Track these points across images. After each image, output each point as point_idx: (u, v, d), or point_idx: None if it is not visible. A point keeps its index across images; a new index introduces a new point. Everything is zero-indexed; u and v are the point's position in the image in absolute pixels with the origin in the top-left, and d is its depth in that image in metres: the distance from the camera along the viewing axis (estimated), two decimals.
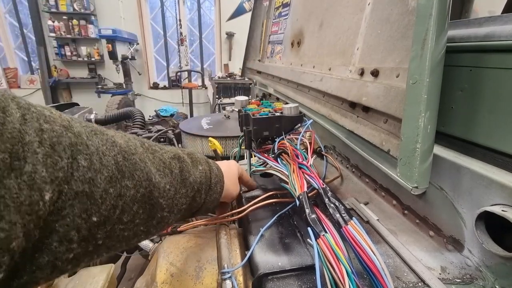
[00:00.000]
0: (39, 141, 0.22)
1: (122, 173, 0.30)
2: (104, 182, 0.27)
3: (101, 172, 0.27)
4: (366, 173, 0.67)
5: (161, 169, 0.37)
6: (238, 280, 0.46)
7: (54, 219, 0.23)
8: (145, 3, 5.05)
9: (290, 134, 0.65)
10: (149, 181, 0.33)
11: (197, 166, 0.44)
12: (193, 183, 0.42)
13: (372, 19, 0.61)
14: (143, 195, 0.32)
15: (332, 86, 0.73)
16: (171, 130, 1.39)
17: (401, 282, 0.41)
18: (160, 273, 0.48)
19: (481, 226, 0.40)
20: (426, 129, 0.40)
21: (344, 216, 0.40)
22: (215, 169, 0.49)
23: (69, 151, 0.24)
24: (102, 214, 0.27)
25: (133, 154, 0.32)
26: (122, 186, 0.29)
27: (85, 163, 0.26)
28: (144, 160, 0.34)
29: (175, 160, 0.40)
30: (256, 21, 1.74)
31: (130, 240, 0.33)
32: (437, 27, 0.38)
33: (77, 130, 0.26)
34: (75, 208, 0.24)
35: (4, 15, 4.78)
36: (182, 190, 0.40)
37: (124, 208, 0.30)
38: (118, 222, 0.29)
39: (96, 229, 0.27)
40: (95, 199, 0.26)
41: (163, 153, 0.39)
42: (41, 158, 0.22)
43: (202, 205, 0.46)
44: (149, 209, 0.33)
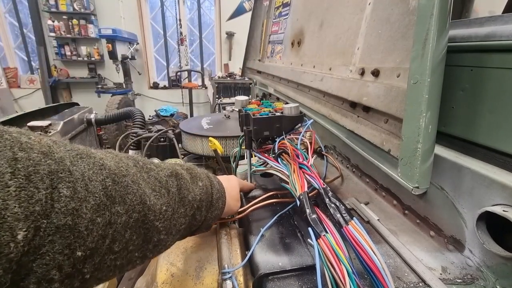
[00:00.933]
0: (12, 172, 0.20)
1: (111, 198, 0.27)
2: (91, 211, 0.25)
3: (86, 200, 0.24)
4: (366, 173, 0.67)
5: (157, 189, 0.34)
6: (239, 280, 0.46)
7: (30, 259, 0.20)
8: (145, 3, 5.04)
9: (290, 134, 0.65)
10: (143, 204, 0.31)
11: (197, 182, 0.42)
12: (193, 201, 0.40)
13: (372, 19, 0.61)
14: (137, 220, 0.30)
15: (333, 86, 0.73)
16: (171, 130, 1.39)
17: (402, 282, 0.41)
18: (160, 273, 0.48)
19: (482, 226, 0.40)
20: (427, 129, 0.40)
21: (344, 216, 0.40)
22: (216, 184, 0.46)
23: (48, 180, 0.22)
24: (89, 246, 0.24)
25: (125, 176, 0.30)
26: (112, 213, 0.27)
27: (68, 192, 0.23)
28: (137, 181, 0.31)
29: (173, 178, 0.38)
30: (256, 21, 1.73)
31: (123, 268, 0.30)
32: (438, 27, 0.38)
33: (59, 156, 0.24)
34: (55, 244, 0.22)
35: (4, 15, 4.78)
36: (181, 209, 0.37)
37: (115, 236, 0.27)
38: (109, 252, 0.27)
39: (82, 264, 0.24)
40: (79, 232, 0.23)
41: (159, 171, 0.36)
42: (14, 191, 0.19)
43: (202, 222, 0.43)
44: (144, 233, 0.31)
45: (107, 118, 1.78)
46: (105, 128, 3.14)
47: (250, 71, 1.78)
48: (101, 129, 3.01)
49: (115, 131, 3.35)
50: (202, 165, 1.29)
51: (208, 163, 1.27)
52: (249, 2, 5.00)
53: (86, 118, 1.65)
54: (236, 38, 5.17)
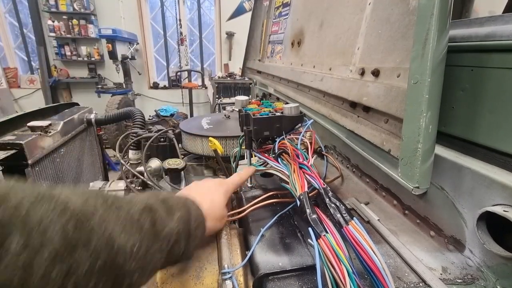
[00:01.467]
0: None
1: (72, 245, 0.25)
2: (45, 263, 0.22)
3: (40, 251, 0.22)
4: (366, 173, 0.67)
5: (128, 228, 0.32)
6: (239, 280, 0.46)
7: None
8: (145, 3, 5.04)
9: (290, 134, 0.65)
10: (111, 247, 0.28)
11: (173, 215, 0.39)
12: (169, 235, 0.37)
13: (372, 19, 0.61)
14: (104, 263, 0.27)
15: (333, 86, 0.73)
16: (171, 130, 1.39)
17: (402, 282, 0.41)
18: (160, 273, 0.48)
19: (482, 226, 0.40)
20: (427, 129, 0.40)
21: (344, 216, 0.40)
22: (194, 212, 0.44)
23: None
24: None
25: (89, 219, 0.28)
26: (72, 261, 0.25)
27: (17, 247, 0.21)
28: (106, 221, 0.29)
29: (146, 213, 0.35)
30: (256, 21, 1.73)
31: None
32: (439, 27, 0.38)
33: (16, 202, 0.23)
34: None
35: (4, 15, 4.78)
36: (155, 245, 0.35)
37: (77, 285, 0.25)
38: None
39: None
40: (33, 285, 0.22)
41: (130, 208, 0.34)
42: None
43: (182, 254, 0.41)
44: (114, 277, 0.29)
45: (107, 118, 1.78)
46: (105, 128, 3.15)
47: (250, 71, 1.78)
48: (101, 129, 3.01)
49: (115, 131, 3.35)
50: (202, 165, 1.29)
51: (208, 163, 1.27)
52: (249, 2, 5.00)
53: (86, 118, 1.65)
54: (236, 38, 5.17)
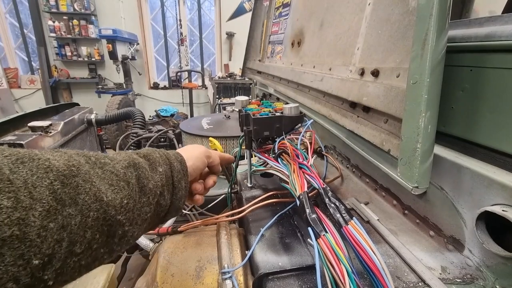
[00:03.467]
0: None
1: (61, 202, 0.26)
2: (40, 218, 0.24)
3: (33, 208, 0.23)
4: (366, 173, 0.67)
5: (115, 183, 0.33)
6: (239, 280, 0.46)
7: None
8: (145, 3, 5.05)
9: (290, 134, 0.65)
10: (100, 202, 0.30)
11: (156, 169, 0.41)
12: (154, 188, 0.39)
13: (372, 19, 0.61)
14: (96, 218, 0.29)
15: (333, 86, 0.73)
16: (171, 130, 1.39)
17: (402, 282, 0.41)
18: (160, 273, 0.48)
19: (481, 226, 0.40)
20: (427, 129, 0.40)
21: (344, 216, 0.40)
22: (176, 165, 0.45)
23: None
24: (45, 253, 0.23)
25: (75, 176, 0.29)
26: (64, 216, 0.26)
27: (9, 203, 0.22)
28: (91, 179, 0.30)
29: (131, 169, 0.37)
30: (256, 21, 1.74)
31: (90, 266, 0.30)
32: (438, 27, 0.38)
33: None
34: (6, 257, 0.21)
35: (5, 15, 4.79)
36: (143, 199, 0.36)
37: (73, 238, 0.26)
38: (70, 255, 0.26)
39: (41, 272, 0.23)
40: (31, 240, 0.22)
41: (115, 164, 0.35)
42: None
43: (169, 205, 0.43)
44: (107, 230, 0.30)
45: (108, 118, 1.78)
46: (105, 128, 3.15)
47: (250, 71, 1.78)
48: (101, 129, 3.01)
49: (115, 131, 3.35)
50: None
51: None
52: (249, 2, 5.00)
53: (86, 118, 1.66)
54: (236, 39, 5.18)
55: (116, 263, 1.01)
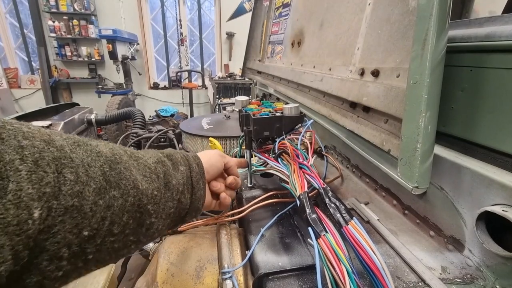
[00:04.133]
0: (21, 158, 0.21)
1: (109, 183, 0.29)
2: (93, 194, 0.26)
3: (88, 184, 0.26)
4: (366, 173, 0.67)
5: (147, 175, 0.36)
6: (239, 280, 0.46)
7: (44, 237, 0.22)
8: (145, 3, 5.05)
9: (290, 134, 0.65)
10: (137, 189, 0.32)
11: (178, 168, 0.43)
12: (176, 185, 0.41)
13: (372, 19, 0.61)
14: (132, 203, 0.31)
15: (333, 86, 0.73)
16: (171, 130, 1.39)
17: (402, 282, 0.41)
18: (160, 273, 0.48)
19: (481, 226, 0.40)
20: (427, 129, 0.40)
21: (344, 216, 0.40)
22: (195, 167, 0.47)
23: (53, 166, 0.24)
24: (93, 227, 0.26)
25: (118, 163, 0.32)
26: (110, 196, 0.28)
27: (72, 177, 0.25)
28: (129, 168, 0.33)
29: (160, 165, 0.40)
30: (256, 21, 1.74)
31: (119, 252, 0.32)
32: (438, 27, 0.38)
33: (59, 144, 0.26)
34: (66, 224, 0.24)
35: (5, 15, 4.79)
36: (167, 193, 0.39)
37: (114, 219, 0.29)
38: (109, 234, 0.28)
39: (86, 244, 0.26)
40: (85, 213, 0.25)
41: (147, 159, 0.38)
42: (25, 175, 0.21)
43: (189, 205, 0.44)
44: (138, 217, 0.33)
45: (108, 118, 1.78)
46: (105, 128, 3.15)
47: (250, 71, 1.78)
48: (101, 129, 3.01)
49: (115, 131, 3.35)
50: None
51: None
52: (249, 2, 5.00)
53: (86, 118, 1.66)
54: (236, 39, 5.18)
55: (116, 263, 1.01)
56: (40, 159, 0.23)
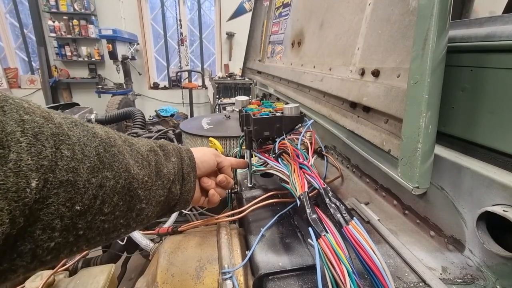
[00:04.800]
0: (21, 131, 0.22)
1: (103, 164, 0.30)
2: (87, 172, 0.28)
3: (83, 162, 0.27)
4: (366, 173, 0.67)
5: (139, 161, 0.37)
6: (239, 280, 0.46)
7: (39, 207, 0.23)
8: (146, 3, 5.05)
9: (290, 134, 0.65)
10: (128, 173, 0.33)
11: (169, 159, 0.45)
12: (167, 174, 0.42)
13: (372, 19, 0.61)
14: (123, 186, 0.32)
15: (333, 86, 0.73)
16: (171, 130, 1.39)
17: (402, 282, 0.41)
18: (160, 273, 0.48)
19: (482, 226, 0.40)
20: (427, 129, 0.40)
21: (345, 216, 0.40)
22: (186, 160, 0.48)
23: (51, 141, 0.25)
24: (85, 203, 0.27)
25: (113, 146, 0.33)
26: (102, 176, 0.30)
27: (68, 153, 0.26)
28: (123, 152, 0.34)
29: (152, 153, 0.41)
30: (256, 21, 1.74)
31: (109, 234, 0.33)
32: (438, 27, 0.38)
33: (58, 121, 0.27)
34: (60, 197, 0.25)
35: (5, 15, 4.79)
36: (158, 182, 0.40)
37: (105, 198, 0.30)
38: (99, 213, 0.30)
39: (78, 219, 0.27)
40: (78, 188, 0.26)
41: (140, 146, 0.39)
42: (25, 146, 0.22)
43: (179, 196, 0.46)
44: (128, 200, 0.34)
45: (108, 118, 1.78)
46: None
47: (251, 71, 1.78)
48: None
49: None
50: None
51: None
52: (249, 2, 5.00)
53: (86, 118, 1.65)
54: (236, 39, 5.18)
55: (116, 263, 1.01)
56: (40, 133, 0.24)
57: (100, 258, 1.02)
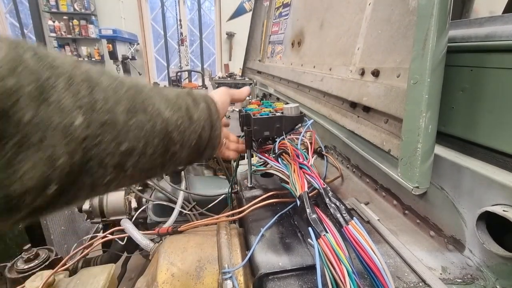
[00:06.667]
0: (55, 76, 0.24)
1: (136, 107, 0.31)
2: (123, 114, 0.29)
3: (117, 105, 0.29)
4: (366, 173, 0.67)
5: (170, 106, 0.38)
6: (239, 280, 0.46)
7: (90, 145, 0.26)
8: (146, 3, 5.05)
9: (290, 134, 0.65)
10: (162, 116, 0.35)
11: (198, 105, 0.45)
12: (198, 120, 0.43)
13: (372, 19, 0.61)
14: (160, 130, 0.34)
15: (333, 86, 0.73)
16: None
17: (402, 282, 0.41)
18: (160, 273, 0.48)
19: (482, 226, 0.40)
20: (427, 129, 0.40)
21: (344, 216, 0.40)
22: (213, 106, 0.48)
23: (85, 85, 0.26)
24: (130, 143, 0.30)
25: (141, 92, 0.34)
26: (139, 119, 0.31)
27: (101, 96, 0.27)
28: (153, 98, 0.35)
29: (180, 99, 0.41)
30: (256, 21, 1.74)
31: (148, 172, 0.36)
32: (438, 27, 0.38)
33: (85, 69, 0.28)
34: (105, 136, 0.27)
35: (5, 15, 4.79)
36: (191, 126, 0.41)
37: (147, 140, 0.32)
38: (143, 154, 0.32)
39: (125, 157, 0.30)
40: (119, 129, 0.28)
41: (167, 93, 0.40)
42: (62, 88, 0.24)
43: (208, 141, 0.46)
44: (166, 143, 0.36)
45: None
46: None
47: (250, 71, 1.78)
48: None
49: None
50: (203, 165, 1.29)
51: (208, 163, 1.27)
52: (249, 2, 5.01)
53: None
54: (236, 39, 5.18)
55: (116, 263, 1.01)
56: (74, 77, 0.26)
57: (100, 258, 1.02)
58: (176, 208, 0.96)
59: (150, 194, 1.08)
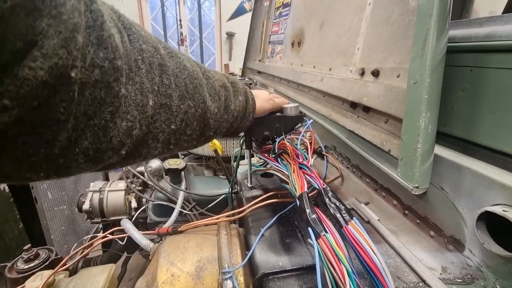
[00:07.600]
0: (141, 59, 0.28)
1: (188, 94, 0.35)
2: (177, 99, 0.33)
3: (175, 91, 0.33)
4: (366, 173, 0.67)
5: (213, 94, 0.42)
6: (239, 280, 0.46)
7: (151, 121, 0.30)
8: (146, 3, 5.05)
9: (290, 134, 0.65)
10: (204, 104, 0.39)
11: (237, 96, 0.49)
12: (233, 110, 0.47)
13: (372, 19, 0.61)
14: (200, 114, 0.38)
15: (333, 86, 0.73)
16: None
17: (402, 282, 0.41)
18: (160, 273, 0.48)
19: (482, 226, 0.40)
20: (427, 129, 0.40)
21: (344, 216, 0.40)
22: (250, 101, 0.53)
23: (158, 71, 0.30)
24: (177, 124, 0.34)
25: (195, 79, 0.37)
26: (187, 104, 0.35)
27: (167, 82, 0.32)
28: (202, 85, 0.39)
29: (223, 89, 0.45)
30: (256, 21, 1.74)
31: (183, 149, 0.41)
32: (438, 27, 0.38)
33: (162, 52, 0.32)
34: (161, 116, 0.31)
35: None
36: (225, 115, 0.45)
37: (188, 123, 0.36)
38: (184, 134, 0.36)
39: (171, 135, 0.34)
40: (172, 111, 0.33)
41: (214, 81, 0.43)
42: (144, 72, 0.28)
43: (236, 129, 0.52)
44: (202, 127, 0.40)
45: None
46: None
47: (251, 71, 1.78)
48: None
49: None
50: (203, 165, 1.29)
51: (208, 163, 1.27)
52: (250, 2, 5.00)
53: None
54: (236, 39, 5.18)
55: (116, 263, 1.01)
56: (152, 63, 0.29)
57: (100, 258, 1.02)
58: (176, 208, 0.96)
59: (150, 194, 1.08)
